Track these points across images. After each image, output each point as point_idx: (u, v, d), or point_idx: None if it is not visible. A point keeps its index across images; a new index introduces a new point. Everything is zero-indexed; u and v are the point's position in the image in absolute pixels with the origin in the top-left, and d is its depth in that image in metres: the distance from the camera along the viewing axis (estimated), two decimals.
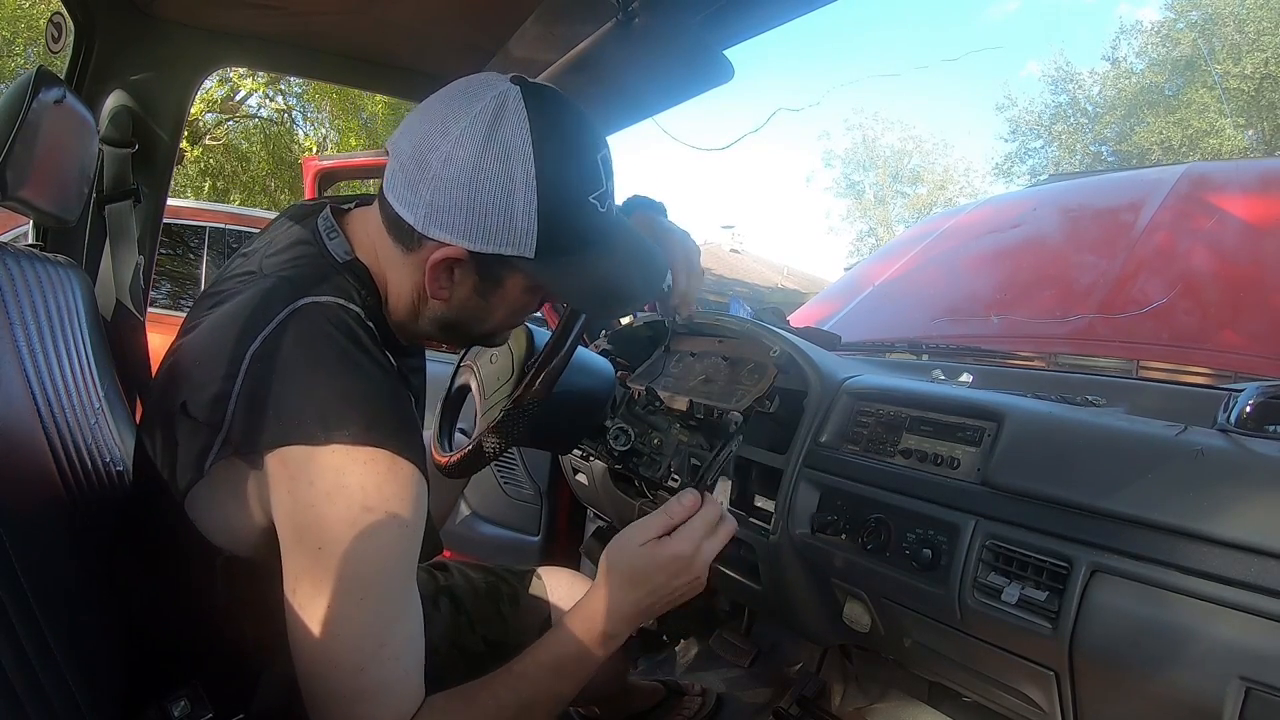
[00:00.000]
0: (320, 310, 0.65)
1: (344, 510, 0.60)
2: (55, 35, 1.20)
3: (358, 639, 0.63)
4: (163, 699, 0.70)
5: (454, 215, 0.63)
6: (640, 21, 1.02)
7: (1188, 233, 1.50)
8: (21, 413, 0.74)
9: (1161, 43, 14.83)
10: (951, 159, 23.89)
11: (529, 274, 0.67)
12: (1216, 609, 0.57)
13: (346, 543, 0.61)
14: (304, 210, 0.77)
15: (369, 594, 0.63)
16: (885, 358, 1.41)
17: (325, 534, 0.61)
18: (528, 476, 1.86)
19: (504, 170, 0.62)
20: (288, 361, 0.62)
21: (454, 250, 0.65)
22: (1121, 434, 0.70)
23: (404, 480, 0.63)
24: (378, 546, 0.62)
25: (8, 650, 0.57)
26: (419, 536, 0.66)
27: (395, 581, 0.65)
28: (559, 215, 0.64)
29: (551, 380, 0.88)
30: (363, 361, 0.64)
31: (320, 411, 0.60)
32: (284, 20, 1.26)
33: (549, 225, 0.64)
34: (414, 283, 0.70)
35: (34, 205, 0.91)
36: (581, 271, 0.68)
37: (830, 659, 1.30)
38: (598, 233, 0.68)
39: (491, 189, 0.62)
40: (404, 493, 0.63)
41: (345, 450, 0.60)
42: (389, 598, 0.64)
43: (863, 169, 22.74)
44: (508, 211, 0.63)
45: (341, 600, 0.62)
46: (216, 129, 11.17)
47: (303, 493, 0.60)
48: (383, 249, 0.71)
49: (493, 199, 0.62)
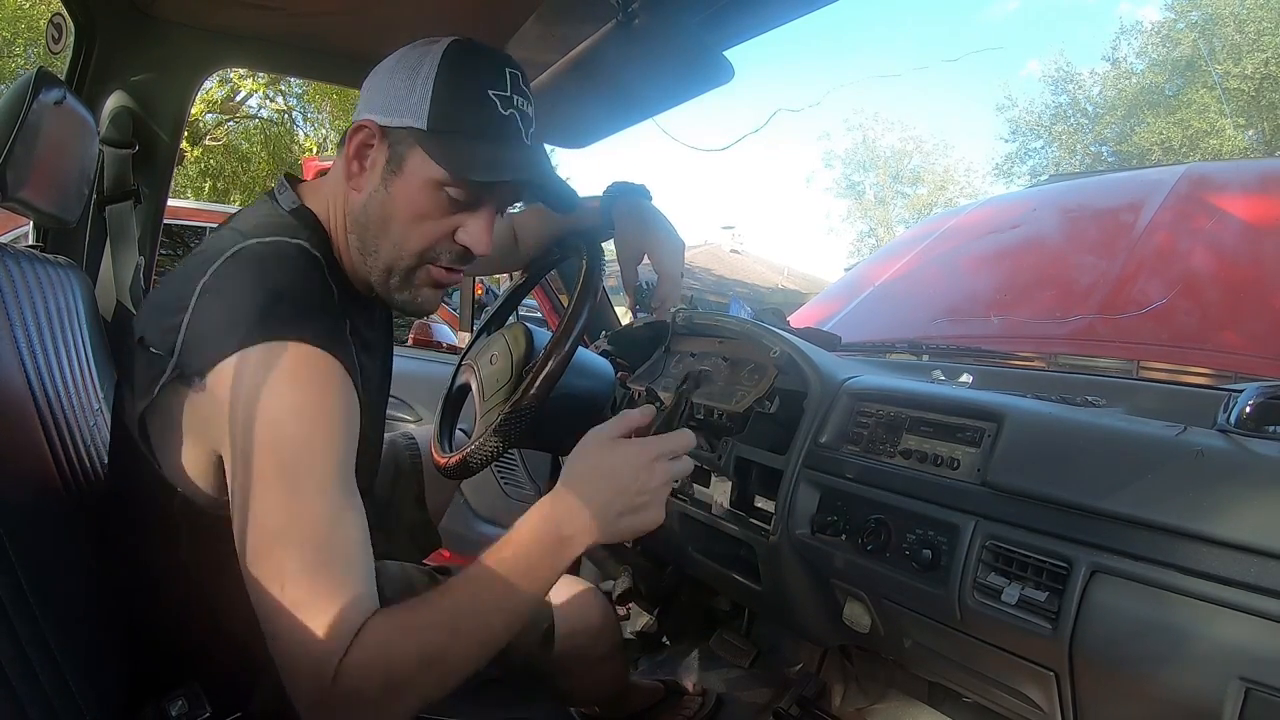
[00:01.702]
0: (264, 246, 0.71)
1: (272, 405, 0.62)
2: (55, 36, 1.20)
3: (300, 543, 0.61)
4: (160, 699, 0.70)
5: (370, 96, 0.74)
6: (640, 22, 1.02)
7: (1188, 233, 1.50)
8: (22, 413, 0.74)
9: (1162, 43, 14.83)
10: (952, 159, 23.89)
11: (423, 148, 0.71)
12: (1216, 609, 0.57)
13: (277, 438, 0.62)
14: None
15: (305, 490, 0.62)
16: (885, 358, 1.41)
17: (256, 434, 0.62)
18: (528, 476, 1.86)
19: (417, 59, 0.73)
20: (227, 287, 0.67)
21: (365, 124, 0.73)
22: (1121, 434, 0.70)
23: (329, 372, 0.65)
24: (308, 439, 0.63)
25: (7, 650, 0.57)
26: (351, 435, 0.67)
27: (330, 478, 0.64)
28: (452, 93, 0.71)
29: (550, 384, 0.88)
30: (294, 275, 0.69)
31: (249, 319, 0.64)
32: (284, 21, 1.26)
33: (441, 100, 0.71)
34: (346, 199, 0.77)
35: (34, 206, 0.91)
36: (470, 153, 0.71)
37: (830, 659, 1.29)
38: (495, 130, 0.72)
39: (402, 72, 0.73)
40: (329, 384, 0.65)
41: (268, 347, 0.63)
42: (326, 494, 0.63)
43: (863, 169, 22.77)
44: (409, 87, 0.72)
45: (279, 501, 0.62)
46: (217, 129, 11.18)
47: (235, 398, 0.63)
48: (333, 189, 0.78)
49: (400, 79, 0.72)
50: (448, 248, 0.76)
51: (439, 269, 0.78)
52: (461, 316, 2.93)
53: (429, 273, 0.78)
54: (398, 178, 0.73)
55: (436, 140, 0.71)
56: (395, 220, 0.74)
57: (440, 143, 0.71)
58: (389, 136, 0.73)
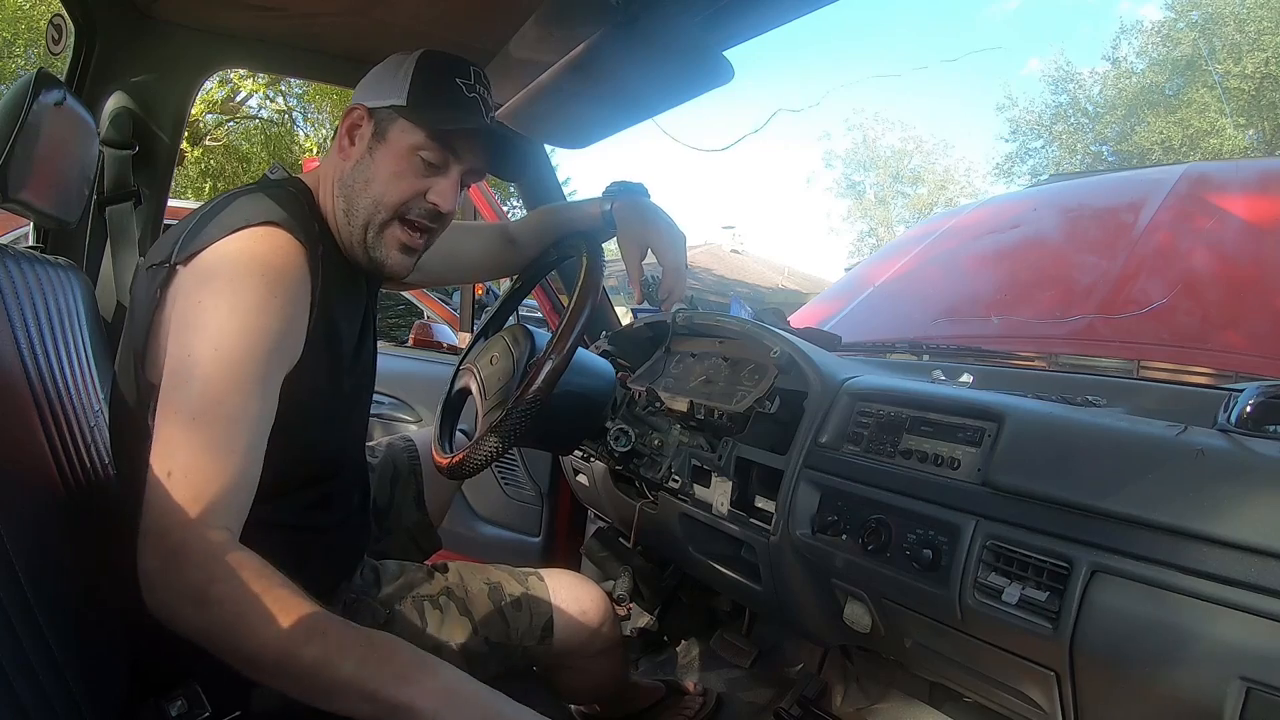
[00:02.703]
0: (259, 186, 0.84)
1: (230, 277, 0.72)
2: (56, 37, 1.20)
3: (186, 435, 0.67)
4: (160, 699, 0.70)
5: (361, 91, 0.90)
6: (640, 22, 1.02)
7: (1188, 233, 1.50)
8: (22, 414, 0.74)
9: (1162, 43, 14.82)
10: (952, 159, 23.90)
11: (403, 118, 0.85)
12: (1217, 609, 0.57)
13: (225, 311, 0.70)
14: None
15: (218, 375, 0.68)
16: (886, 358, 1.41)
17: (209, 306, 0.71)
18: (528, 477, 1.86)
19: (398, 60, 0.88)
20: (222, 205, 0.79)
21: (356, 107, 0.88)
22: (1122, 434, 0.70)
23: (289, 249, 0.76)
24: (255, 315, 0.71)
25: (7, 650, 0.57)
26: (296, 324, 0.76)
27: (250, 366, 0.70)
28: (426, 78, 0.86)
29: (554, 377, 0.88)
30: (281, 197, 0.81)
31: (233, 217, 0.76)
32: (284, 22, 1.26)
33: (418, 84, 0.86)
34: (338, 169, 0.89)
35: (34, 207, 0.91)
36: (439, 115, 0.86)
37: (831, 659, 1.29)
38: (461, 103, 0.87)
39: (387, 70, 0.88)
40: (288, 260, 0.75)
41: (240, 233, 0.74)
42: (250, 385, 0.70)
43: (863, 169, 22.75)
44: (393, 77, 0.87)
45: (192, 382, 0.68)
46: (217, 130, 11.18)
47: (203, 275, 0.73)
48: (324, 168, 0.90)
49: (386, 73, 0.88)
50: (419, 205, 0.87)
51: (406, 229, 0.88)
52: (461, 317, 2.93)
53: (396, 232, 0.88)
54: (382, 145, 0.86)
55: (414, 110, 0.85)
56: (376, 179, 0.86)
57: (417, 112, 0.85)
58: (375, 115, 0.87)
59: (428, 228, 0.89)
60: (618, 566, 1.54)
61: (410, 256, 0.90)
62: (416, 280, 1.18)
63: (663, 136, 1.54)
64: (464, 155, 0.88)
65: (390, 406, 1.95)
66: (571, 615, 1.04)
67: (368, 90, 0.89)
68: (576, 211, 1.16)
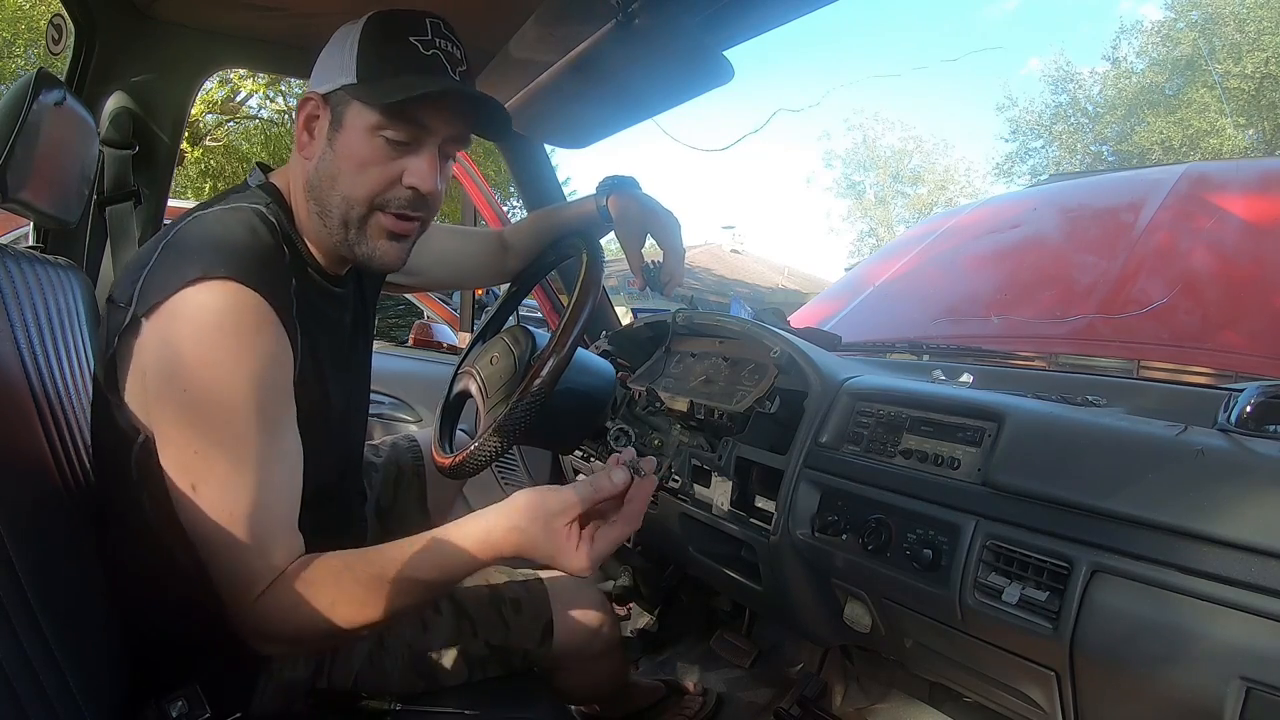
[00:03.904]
0: (224, 209, 0.76)
1: (196, 341, 0.67)
2: (56, 37, 1.20)
3: (223, 486, 0.68)
4: (160, 699, 0.70)
5: (313, 77, 0.81)
6: (640, 22, 1.02)
7: (1188, 233, 1.50)
8: (22, 413, 0.74)
9: (1162, 42, 14.82)
10: (952, 159, 23.84)
11: (356, 99, 0.76)
12: (1217, 609, 0.57)
13: (204, 375, 0.67)
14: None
15: (230, 431, 0.68)
16: (886, 358, 1.41)
17: (184, 374, 0.67)
18: (528, 477, 1.86)
19: (344, 32, 0.79)
20: (184, 241, 0.72)
21: (309, 97, 0.79)
22: (1122, 434, 0.70)
23: (254, 309, 0.69)
24: (231, 374, 0.68)
25: (8, 650, 0.57)
26: (275, 375, 0.71)
27: (256, 416, 0.69)
28: (375, 46, 0.76)
29: (558, 370, 0.88)
30: (244, 231, 0.74)
31: (190, 263, 0.69)
32: (284, 22, 1.26)
33: (366, 53, 0.76)
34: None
35: (34, 207, 0.91)
36: (393, 85, 0.75)
37: (831, 659, 1.29)
38: (418, 65, 0.76)
39: (333, 47, 0.79)
40: (255, 320, 0.69)
41: (198, 288, 0.68)
42: (251, 435, 0.69)
43: (863, 169, 22.75)
44: (340, 53, 0.78)
45: (206, 443, 0.68)
46: (217, 130, 11.18)
47: (167, 337, 0.68)
48: (292, 167, 0.83)
49: (333, 51, 0.79)
50: (396, 193, 0.79)
51: (390, 216, 0.80)
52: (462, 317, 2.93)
53: (380, 221, 0.80)
54: (340, 133, 0.77)
55: (366, 86, 0.76)
56: (342, 174, 0.78)
57: (369, 87, 0.75)
58: (329, 101, 0.78)
59: (412, 215, 0.81)
60: (617, 566, 1.54)
61: (401, 243, 0.82)
62: (413, 284, 1.18)
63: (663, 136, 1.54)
64: (434, 125, 0.78)
65: (390, 406, 1.95)
66: (571, 616, 1.04)
67: (319, 74, 0.80)
68: (571, 212, 1.16)
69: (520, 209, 2.35)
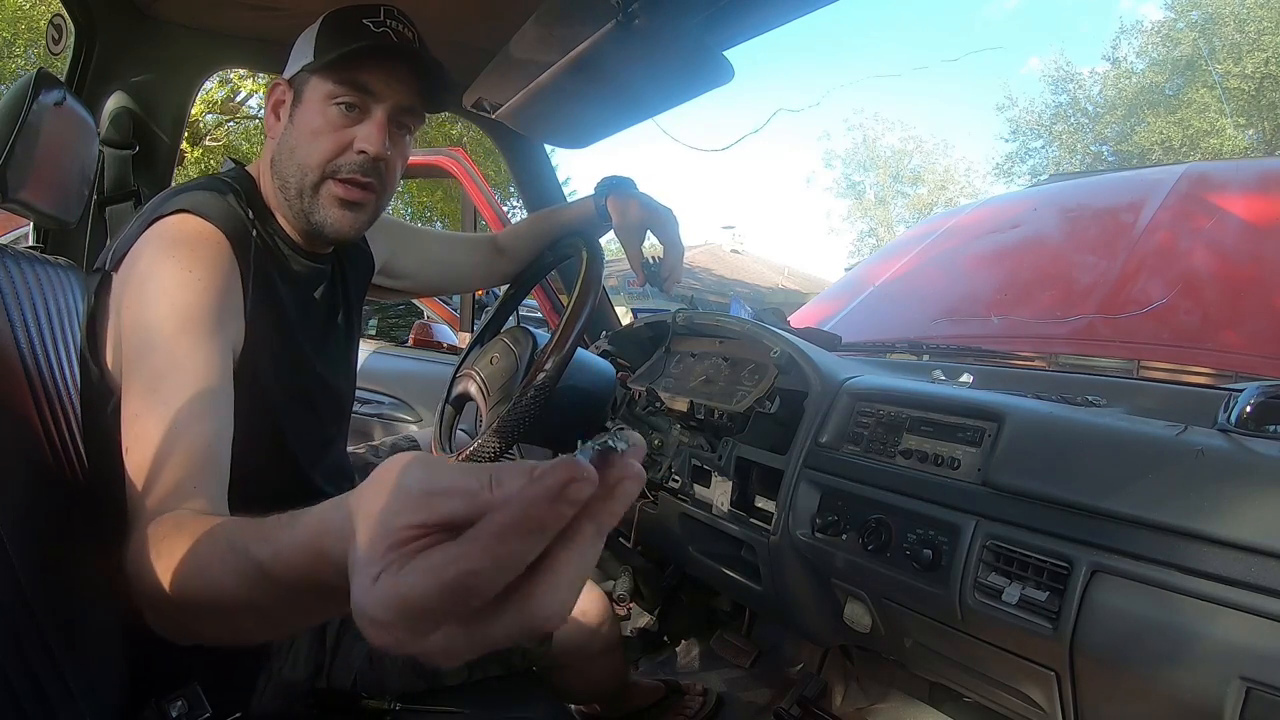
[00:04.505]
0: (194, 183, 0.83)
1: (148, 262, 0.73)
2: (56, 37, 1.20)
3: (136, 412, 0.67)
4: (160, 699, 0.70)
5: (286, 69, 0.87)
6: (640, 22, 1.02)
7: (1188, 233, 1.50)
8: (22, 413, 0.74)
9: (1162, 43, 14.83)
10: (952, 159, 23.85)
11: (312, 74, 0.82)
12: (1217, 609, 0.57)
13: (143, 290, 0.71)
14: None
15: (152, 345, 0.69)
16: (886, 358, 1.41)
17: (129, 295, 0.72)
18: None
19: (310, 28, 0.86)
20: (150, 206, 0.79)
21: (278, 83, 0.86)
22: (1122, 434, 0.70)
23: (204, 234, 0.76)
24: (168, 286, 0.71)
25: (8, 650, 0.57)
26: (219, 299, 0.74)
27: (182, 334, 0.69)
28: (331, 30, 0.83)
29: (560, 366, 0.89)
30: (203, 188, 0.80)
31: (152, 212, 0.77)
32: (284, 22, 1.25)
33: (323, 36, 0.83)
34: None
35: (34, 207, 0.91)
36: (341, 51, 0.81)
37: (831, 659, 1.29)
38: (366, 38, 0.81)
39: (301, 38, 0.86)
40: (204, 243, 0.75)
41: (156, 225, 0.75)
42: (175, 356, 0.68)
43: (863, 169, 22.76)
44: (304, 42, 0.85)
45: (132, 361, 0.69)
46: (217, 130, 11.17)
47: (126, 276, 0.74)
48: (264, 153, 0.89)
49: (300, 44, 0.86)
50: (347, 159, 0.83)
51: (340, 184, 0.83)
52: (461, 317, 2.93)
53: (332, 189, 0.83)
54: (299, 108, 0.84)
55: (320, 62, 0.82)
56: (299, 144, 0.83)
57: (322, 62, 0.82)
58: (293, 83, 0.85)
59: (363, 180, 0.83)
60: (618, 566, 1.54)
61: (353, 211, 0.85)
62: (404, 288, 1.18)
63: (663, 136, 1.54)
64: (381, 91, 0.82)
65: (390, 406, 1.95)
66: (571, 616, 1.04)
67: (289, 65, 0.87)
68: (569, 213, 1.17)
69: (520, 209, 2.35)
